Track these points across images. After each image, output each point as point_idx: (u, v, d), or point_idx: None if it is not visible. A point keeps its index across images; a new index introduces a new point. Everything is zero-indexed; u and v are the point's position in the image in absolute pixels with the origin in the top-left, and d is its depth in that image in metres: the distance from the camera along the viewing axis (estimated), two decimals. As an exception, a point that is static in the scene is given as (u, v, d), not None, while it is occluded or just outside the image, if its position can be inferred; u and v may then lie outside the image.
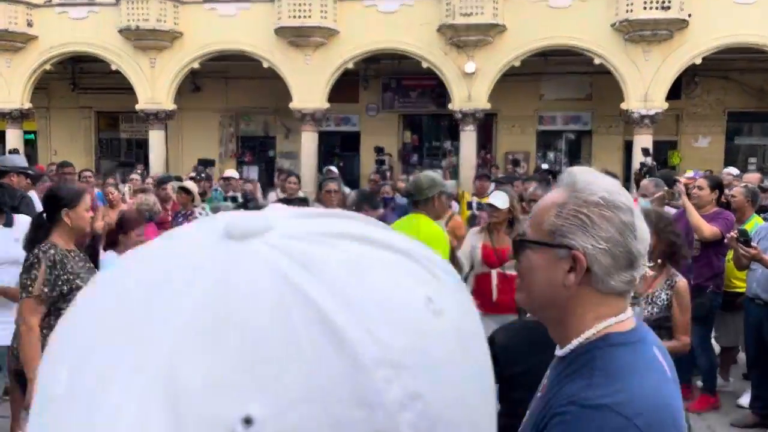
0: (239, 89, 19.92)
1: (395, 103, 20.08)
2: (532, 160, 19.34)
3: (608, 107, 17.87)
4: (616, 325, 1.17)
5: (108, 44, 17.69)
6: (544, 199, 1.25)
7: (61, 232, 3.11)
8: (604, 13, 15.94)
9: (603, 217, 1.14)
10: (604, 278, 1.15)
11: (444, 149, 20.33)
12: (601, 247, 1.13)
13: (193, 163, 16.86)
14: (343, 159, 20.79)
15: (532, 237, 1.22)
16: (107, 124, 21.90)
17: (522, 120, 19.39)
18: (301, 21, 16.60)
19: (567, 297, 1.17)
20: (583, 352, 1.16)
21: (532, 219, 1.26)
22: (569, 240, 1.15)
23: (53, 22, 18.05)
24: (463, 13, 15.94)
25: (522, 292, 1.27)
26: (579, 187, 1.18)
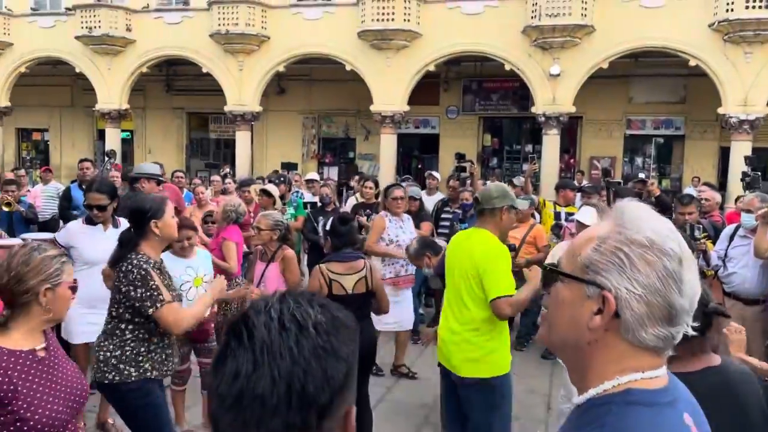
0: (322, 92, 20.20)
1: (476, 105, 19.78)
2: (618, 164, 18.62)
3: (703, 111, 16.92)
4: (641, 381, 1.03)
5: (200, 48, 18.36)
6: (588, 230, 1.12)
7: (150, 243, 3.08)
8: (701, 12, 15.05)
9: (644, 260, 1.01)
10: (635, 328, 1.01)
11: (525, 153, 19.86)
12: (637, 292, 1.00)
13: (276, 163, 17.29)
14: (422, 161, 20.71)
15: (564, 268, 1.09)
16: (197, 125, 22.78)
17: (609, 124, 18.66)
18: (384, 24, 16.61)
19: (590, 341, 1.05)
20: (599, 404, 1.03)
21: (569, 248, 1.11)
22: (602, 278, 1.02)
23: (150, 27, 18.92)
24: (550, 14, 15.45)
25: (544, 326, 1.15)
26: (625, 223, 1.04)
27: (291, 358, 0.77)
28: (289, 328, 0.80)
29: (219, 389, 0.79)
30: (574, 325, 1.06)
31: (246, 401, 0.76)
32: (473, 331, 3.42)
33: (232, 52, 18.08)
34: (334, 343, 0.81)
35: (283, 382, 0.76)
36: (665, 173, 19.22)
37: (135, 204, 3.22)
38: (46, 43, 19.69)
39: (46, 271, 2.05)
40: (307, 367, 0.77)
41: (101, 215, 4.26)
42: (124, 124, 20.41)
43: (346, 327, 0.84)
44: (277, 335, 0.79)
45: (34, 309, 2.05)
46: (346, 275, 3.99)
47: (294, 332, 0.79)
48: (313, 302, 0.85)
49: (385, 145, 17.62)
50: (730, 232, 5.35)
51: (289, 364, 0.77)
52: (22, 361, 2.00)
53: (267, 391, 0.76)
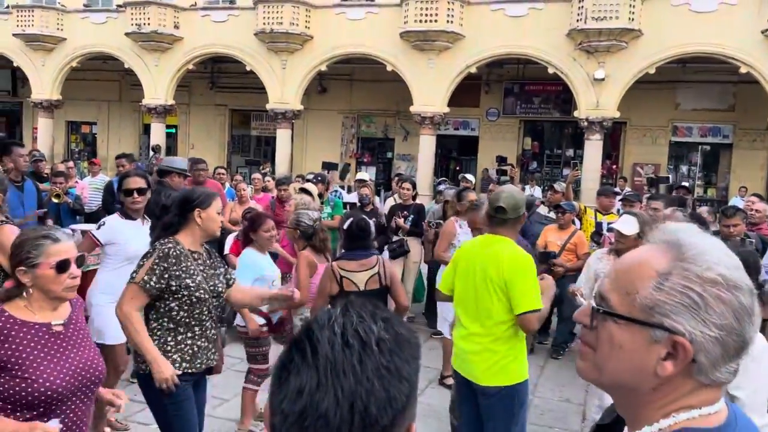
0: (362, 91, 20.29)
1: (517, 108, 19.59)
2: (662, 172, 18.19)
3: (753, 119, 16.42)
4: (699, 418, 0.96)
5: (244, 46, 18.63)
6: (636, 259, 1.00)
7: (189, 232, 3.08)
8: (753, 18, 14.59)
9: (720, 300, 0.92)
10: (710, 370, 0.94)
11: (566, 157, 19.57)
12: (713, 335, 0.92)
13: (315, 162, 17.40)
14: (460, 163, 20.61)
15: (617, 308, 0.98)
16: (239, 122, 23.11)
17: (654, 130, 18.26)
18: (427, 25, 16.58)
19: (655, 387, 0.97)
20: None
21: (615, 282, 1.00)
22: (671, 321, 0.93)
23: (197, 25, 19.29)
24: (596, 17, 15.19)
25: (588, 362, 1.04)
26: (688, 256, 0.95)
27: (354, 377, 0.76)
28: (353, 345, 0.78)
29: (282, 405, 0.77)
30: (635, 371, 0.97)
31: (309, 420, 0.75)
32: (496, 340, 3.36)
33: (276, 51, 18.29)
34: (398, 363, 0.79)
35: (346, 402, 0.75)
36: (711, 182, 18.72)
37: (185, 192, 3.25)
38: (97, 39, 20.26)
39: (18, 255, 2.18)
40: (371, 387, 0.76)
41: (141, 199, 4.25)
42: (169, 119, 20.86)
43: (409, 344, 0.82)
44: (341, 352, 0.77)
45: (23, 287, 2.19)
46: (357, 272, 3.96)
47: (357, 350, 0.78)
48: (376, 317, 0.83)
49: (424, 146, 17.59)
50: (779, 246, 5.18)
51: (352, 383, 0.75)
52: (33, 332, 2.15)
53: (330, 410, 0.74)
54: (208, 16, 19.39)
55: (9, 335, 2.10)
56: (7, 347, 2.09)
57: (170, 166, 6.07)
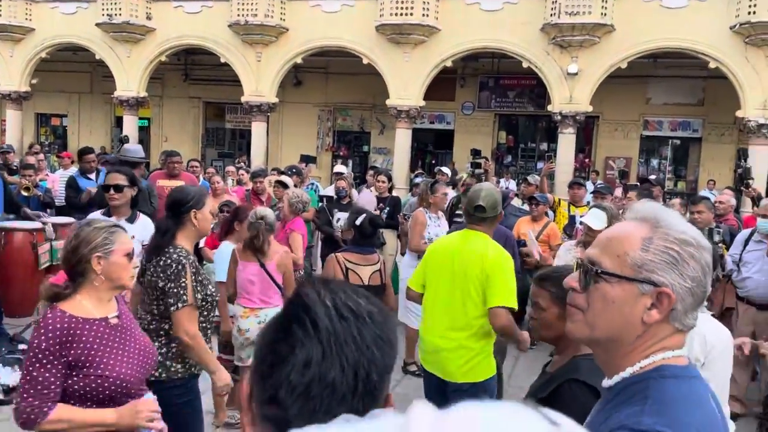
0: (338, 84, 20.22)
1: (492, 102, 19.71)
2: (633, 165, 18.51)
3: (722, 114, 16.75)
4: (672, 358, 1.15)
5: (218, 38, 18.41)
6: (620, 230, 1.20)
7: (186, 234, 3.00)
8: (722, 14, 14.86)
9: (692, 257, 1.12)
10: (683, 316, 1.14)
11: (540, 151, 19.76)
12: (687, 286, 1.12)
13: (291, 155, 17.32)
14: (436, 157, 20.68)
15: (612, 269, 1.15)
16: (214, 114, 22.87)
17: (625, 124, 18.52)
18: (403, 18, 16.56)
19: (641, 333, 1.15)
20: (636, 382, 1.14)
21: (605, 249, 1.18)
22: (658, 276, 1.12)
23: (170, 16, 18.99)
24: (570, 12, 15.33)
25: (580, 324, 1.19)
26: (665, 224, 1.15)
27: (356, 347, 0.80)
28: (348, 317, 0.82)
29: (290, 377, 0.80)
30: (625, 322, 1.14)
31: (316, 389, 0.78)
32: (472, 337, 3.37)
33: (251, 43, 18.12)
34: (386, 332, 0.83)
35: (351, 370, 0.78)
36: (681, 176, 19.07)
37: (181, 193, 3.14)
38: (67, 30, 19.84)
39: (94, 241, 2.20)
40: (371, 356, 0.80)
41: (117, 197, 4.14)
42: (142, 111, 20.52)
43: (389, 316, 0.87)
44: (339, 324, 0.81)
45: (92, 277, 2.20)
46: (362, 266, 4.00)
47: (353, 322, 0.81)
48: (358, 292, 0.87)
49: (400, 140, 17.58)
50: (745, 236, 5.32)
51: (355, 352, 0.79)
52: (96, 327, 2.19)
53: (337, 379, 0.78)
54: (181, 7, 19.09)
55: (75, 335, 2.12)
56: (77, 347, 2.12)
57: (126, 156, 5.86)
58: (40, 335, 2.09)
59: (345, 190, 7.74)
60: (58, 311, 2.15)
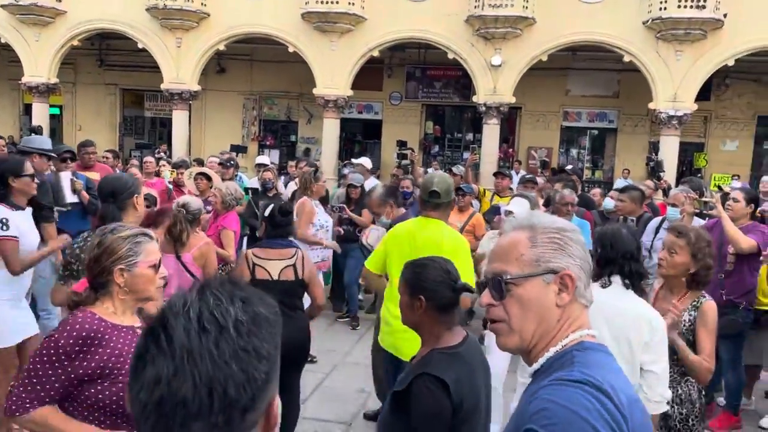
0: (264, 72, 19.83)
1: (419, 92, 19.86)
2: (554, 155, 19.11)
3: (635, 106, 17.54)
4: (588, 336, 1.28)
5: (135, 22, 17.63)
6: (508, 240, 1.33)
7: (130, 220, 3.03)
8: (636, 10, 15.55)
9: (570, 239, 1.29)
10: (584, 292, 1.29)
11: (465, 141, 20.10)
12: (577, 264, 1.27)
13: (215, 146, 16.85)
14: (365, 147, 20.67)
15: (517, 273, 1.27)
16: (132, 102, 21.96)
17: (546, 115, 19.10)
18: (329, 6, 16.40)
19: (559, 317, 1.27)
20: (560, 357, 1.24)
21: (503, 258, 1.31)
22: (554, 263, 1.26)
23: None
24: (493, 4, 15.62)
25: (512, 335, 1.29)
26: (538, 223, 1.31)
27: (212, 362, 0.77)
28: (209, 329, 0.79)
29: (140, 395, 0.77)
30: (544, 312, 1.27)
31: (168, 407, 0.76)
32: None
33: (170, 28, 17.46)
34: (255, 343, 0.80)
35: (204, 387, 0.76)
36: (598, 165, 19.87)
37: (117, 180, 3.23)
38: (-33, 10, 18.49)
39: (118, 252, 2.09)
40: (228, 371, 0.77)
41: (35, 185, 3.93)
42: (53, 99, 19.45)
43: (268, 323, 0.84)
44: (197, 338, 0.78)
45: (112, 288, 2.09)
46: (271, 260, 3.90)
47: (214, 334, 0.78)
48: (234, 297, 0.84)
49: (328, 130, 17.46)
50: (656, 224, 5.57)
51: (210, 368, 0.76)
52: (124, 334, 2.09)
53: (189, 396, 0.75)
54: (95, -11, 18.16)
55: (104, 338, 2.02)
56: (104, 351, 2.01)
57: (30, 147, 5.37)
58: (62, 331, 2.00)
59: (271, 181, 7.59)
60: (88, 312, 2.06)
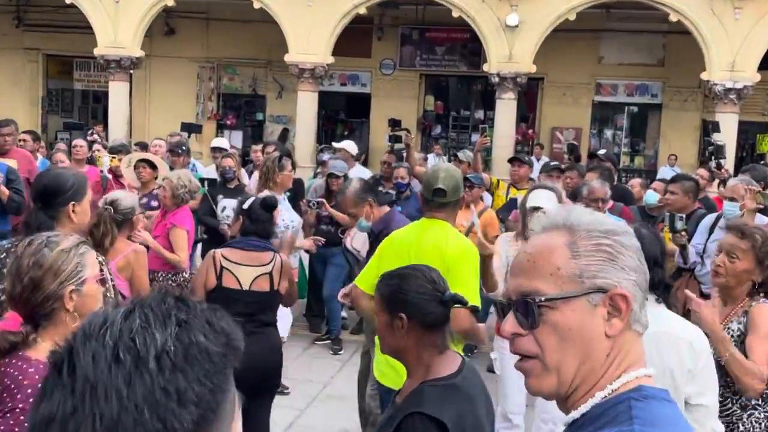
0: (223, 35, 19.80)
1: (416, 60, 19.89)
2: (584, 137, 19.12)
3: (685, 77, 17.60)
4: (645, 378, 1.17)
5: (62, -28, 17.59)
6: (539, 246, 1.21)
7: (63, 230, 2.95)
8: (685, -43, 15.61)
9: (623, 245, 1.16)
10: (639, 315, 1.17)
11: (475, 120, 20.13)
12: (632, 278, 1.15)
13: (163, 126, 16.79)
14: (350, 126, 20.66)
15: (552, 292, 1.15)
16: (58, 72, 21.88)
17: (575, 88, 19.13)
18: (304, -48, 16.40)
19: (608, 351, 1.16)
20: (614, 404, 1.13)
21: (531, 273, 1.18)
22: (602, 279, 1.14)
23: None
24: (508, -50, 15.66)
25: (542, 374, 1.17)
26: (579, 223, 1.19)
27: (119, 404, 0.73)
28: (124, 360, 0.76)
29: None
30: (589, 345, 1.14)
31: None
32: None
33: (106, -20, 17.43)
34: (180, 383, 0.76)
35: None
36: (638, 149, 19.94)
37: (51, 179, 3.15)
38: None
39: (65, 269, 2.05)
40: (138, 416, 0.73)
41: None
42: (-41, 67, 19.38)
43: (208, 357, 0.80)
44: (106, 371, 0.75)
45: (61, 317, 2.05)
46: (244, 266, 3.93)
47: (128, 367, 0.75)
48: (169, 320, 0.81)
49: (304, 106, 17.46)
50: (709, 223, 5.60)
51: (115, 410, 0.73)
52: None
53: None
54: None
55: None
56: None
57: None
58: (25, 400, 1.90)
59: (233, 170, 7.56)
60: (33, 360, 1.97)
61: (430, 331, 2.22)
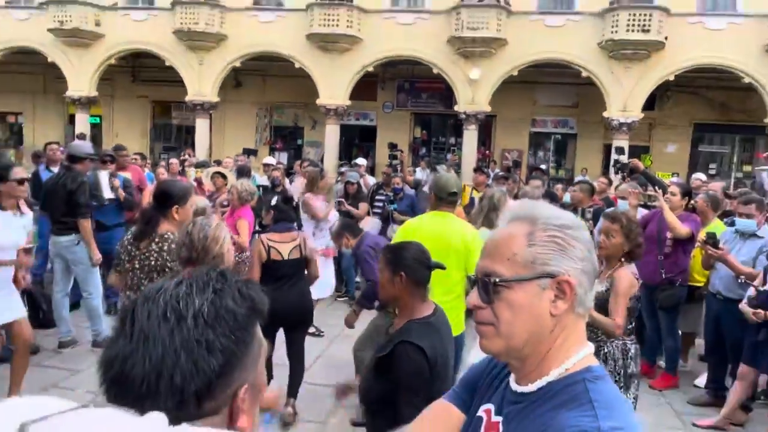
0: (274, 86, 19.69)
1: (408, 102, 19.76)
2: (524, 156, 19.02)
3: (592, 115, 17.52)
4: (589, 356, 1.01)
5: (163, 43, 17.51)
6: (502, 234, 1.03)
7: (170, 222, 3.01)
8: (592, 32, 15.56)
9: (575, 238, 0.99)
10: (584, 299, 0.99)
11: (448, 144, 20.03)
12: (579, 267, 0.98)
13: (233, 149, 16.75)
14: (361, 149, 20.58)
15: (507, 275, 0.98)
16: (161, 112, 21.76)
17: (517, 122, 19.05)
18: (330, 29, 16.32)
19: (552, 328, 0.99)
20: (571, 383, 0.98)
21: (494, 257, 1.01)
22: (552, 267, 0.97)
23: (118, 23, 17.90)
24: (471, 27, 15.58)
25: (497, 339, 1.00)
26: (540, 216, 1.01)
27: (163, 349, 0.71)
28: (169, 318, 0.73)
29: (99, 371, 0.73)
30: (536, 321, 0.98)
31: (121, 385, 0.71)
32: (457, 298, 3.41)
33: (193, 48, 17.35)
34: (209, 336, 0.73)
35: (153, 371, 0.70)
36: (561, 165, 19.84)
37: (165, 187, 3.16)
38: (21, 34, 18.31)
39: (221, 238, 2.21)
40: (176, 359, 0.71)
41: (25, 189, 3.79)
42: (93, 109, 19.32)
43: (234, 318, 0.76)
44: (156, 325, 0.72)
45: None
46: (282, 243, 3.97)
47: (172, 323, 0.72)
48: (207, 288, 0.77)
49: (329, 134, 17.41)
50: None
51: (160, 354, 0.71)
52: None
53: (138, 378, 0.70)
54: (128, 15, 18.02)
55: None
56: None
57: (72, 151, 5.19)
58: None
59: (278, 179, 7.55)
60: None
61: (418, 286, 2.19)
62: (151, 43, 17.63)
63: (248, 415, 0.78)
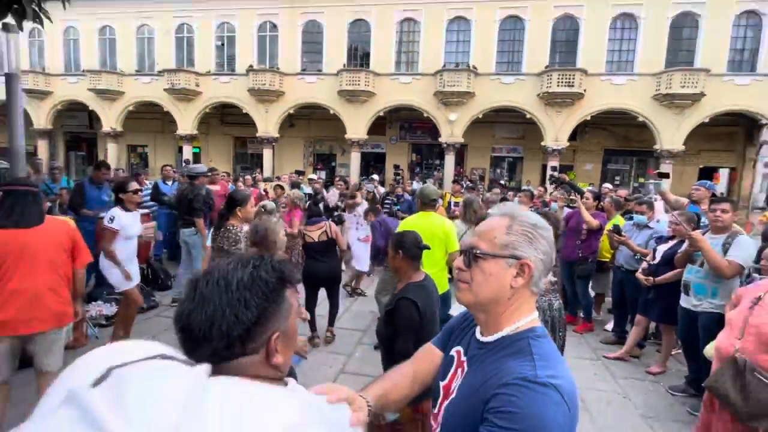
0: (316, 125, 19.66)
1: (407, 136, 19.62)
2: (487, 173, 18.84)
3: (533, 143, 17.30)
4: (535, 320, 0.97)
5: (242, 97, 17.58)
6: (490, 223, 0.99)
7: (236, 218, 2.99)
8: (533, 87, 15.36)
9: (542, 236, 0.96)
10: (538, 281, 0.96)
11: (435, 165, 19.89)
12: (540, 257, 0.95)
13: (288, 169, 16.77)
14: (376, 169, 20.48)
15: (487, 250, 0.96)
16: (240, 144, 21.75)
17: (482, 149, 18.85)
18: (354, 87, 16.29)
19: (510, 296, 0.96)
20: (517, 339, 0.93)
21: (480, 237, 0.98)
22: (519, 252, 0.94)
23: (211, 84, 18.00)
24: (449, 84, 15.48)
25: (469, 293, 0.97)
26: (518, 215, 0.98)
27: (214, 306, 0.71)
28: (219, 285, 0.73)
29: (174, 320, 0.74)
30: (500, 288, 0.95)
31: (187, 333, 0.71)
32: (441, 270, 3.35)
33: (261, 101, 17.40)
34: (247, 297, 0.73)
35: (207, 322, 0.71)
36: (512, 178, 19.61)
37: (231, 194, 3.12)
38: (146, 93, 18.52)
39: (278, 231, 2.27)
40: (223, 313, 0.71)
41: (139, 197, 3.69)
42: (194, 143, 19.42)
43: (266, 284, 0.75)
44: (211, 289, 0.72)
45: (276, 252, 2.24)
46: (314, 231, 3.96)
47: (221, 288, 0.73)
48: (248, 264, 0.76)
49: (353, 159, 17.38)
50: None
51: (212, 310, 0.71)
52: None
53: (196, 326, 0.71)
54: (218, 79, 18.12)
55: None
56: None
57: (197, 171, 5.33)
58: None
59: (319, 189, 7.54)
60: None
61: (413, 260, 2.15)
62: (233, 97, 17.70)
63: (282, 354, 0.76)
